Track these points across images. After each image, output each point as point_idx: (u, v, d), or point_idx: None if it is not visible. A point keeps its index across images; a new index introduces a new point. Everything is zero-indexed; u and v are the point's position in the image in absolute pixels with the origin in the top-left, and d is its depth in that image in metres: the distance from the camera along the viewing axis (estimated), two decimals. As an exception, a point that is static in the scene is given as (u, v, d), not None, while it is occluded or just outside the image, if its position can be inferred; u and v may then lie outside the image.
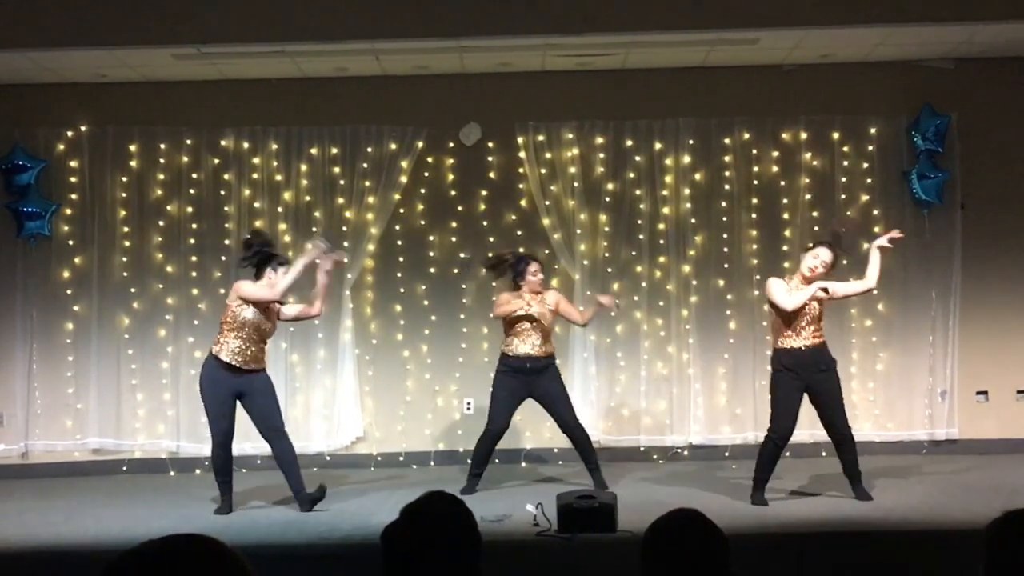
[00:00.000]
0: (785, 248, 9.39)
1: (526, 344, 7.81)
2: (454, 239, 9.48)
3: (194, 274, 9.43)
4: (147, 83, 9.42)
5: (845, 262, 7.89)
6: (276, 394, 7.51)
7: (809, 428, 9.24)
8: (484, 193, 9.55)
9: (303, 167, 9.49)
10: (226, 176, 9.49)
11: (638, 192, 9.48)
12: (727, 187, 9.48)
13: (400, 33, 8.35)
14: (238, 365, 7.22)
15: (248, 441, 8.17)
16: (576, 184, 9.45)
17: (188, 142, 9.49)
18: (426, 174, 9.53)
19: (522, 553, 6.01)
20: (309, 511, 7.21)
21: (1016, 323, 9.43)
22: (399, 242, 9.53)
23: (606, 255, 9.48)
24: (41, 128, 9.45)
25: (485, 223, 9.50)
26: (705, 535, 2.66)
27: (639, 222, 9.48)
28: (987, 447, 9.16)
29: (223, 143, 9.49)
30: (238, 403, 7.34)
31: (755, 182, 9.48)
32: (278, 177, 9.50)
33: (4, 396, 9.38)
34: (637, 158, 9.48)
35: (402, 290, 9.52)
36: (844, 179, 9.47)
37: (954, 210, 9.37)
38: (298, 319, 7.80)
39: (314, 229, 9.45)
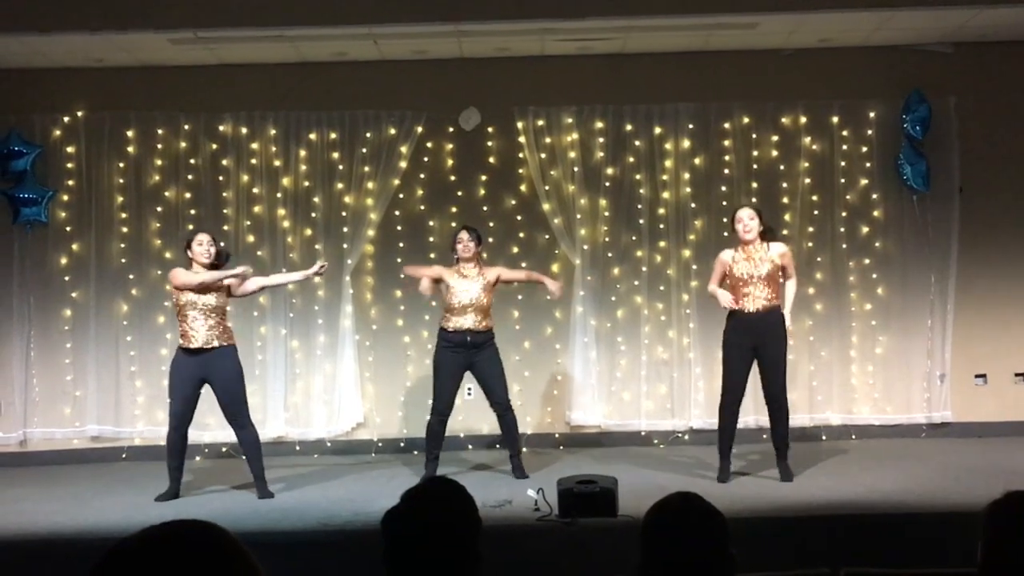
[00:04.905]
0: (785, 232, 9.36)
1: (465, 319, 7.83)
2: (454, 224, 9.43)
3: (193, 260, 9.41)
4: (144, 68, 9.38)
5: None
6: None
7: (808, 412, 9.29)
8: (484, 178, 9.53)
9: (302, 152, 9.47)
10: (224, 161, 9.47)
11: (638, 177, 9.47)
12: (727, 171, 9.47)
13: (399, 17, 8.32)
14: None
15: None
16: (576, 169, 9.44)
17: (186, 127, 9.46)
18: (425, 159, 9.51)
19: (523, 538, 6.02)
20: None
21: (1014, 306, 9.43)
22: (399, 227, 9.51)
23: (606, 240, 9.47)
24: (37, 114, 9.41)
25: (485, 208, 9.48)
26: (704, 517, 2.66)
27: (639, 207, 9.46)
28: (986, 430, 9.18)
29: (221, 128, 9.46)
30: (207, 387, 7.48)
31: (755, 166, 9.47)
32: (277, 162, 9.47)
33: (2, 384, 9.37)
34: (637, 143, 9.46)
35: (402, 275, 9.49)
36: (843, 163, 9.47)
37: (951, 194, 9.37)
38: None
39: (313, 215, 9.44)
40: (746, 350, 7.41)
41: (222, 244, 7.92)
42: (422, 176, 9.52)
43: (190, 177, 9.46)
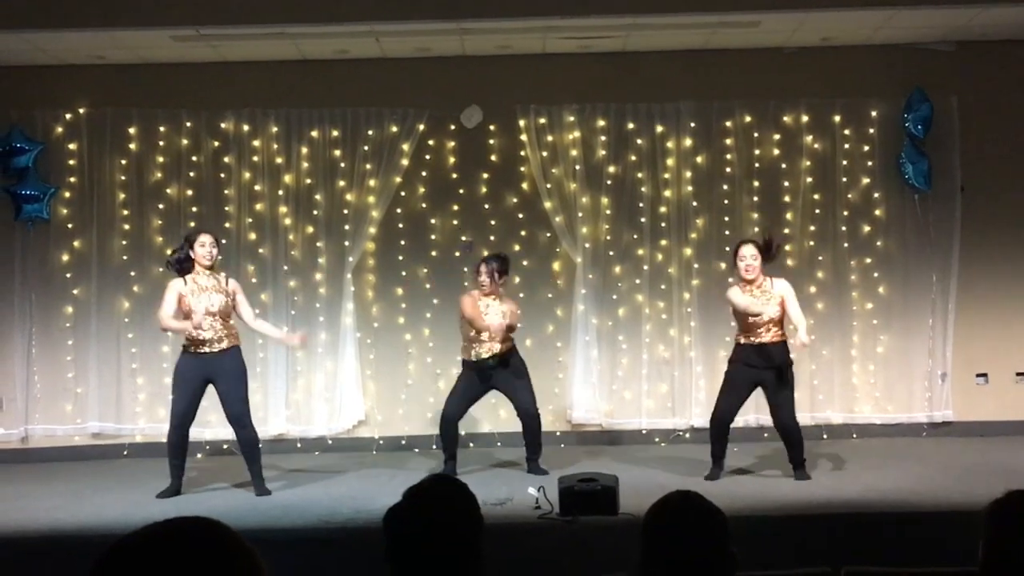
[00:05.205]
0: (787, 231, 9.37)
1: (484, 345, 7.87)
2: (455, 222, 9.46)
3: (194, 257, 9.41)
4: (146, 65, 9.37)
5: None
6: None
7: (809, 411, 9.28)
8: (485, 176, 9.52)
9: (304, 150, 9.46)
10: (226, 159, 9.46)
11: (640, 175, 9.46)
12: (728, 170, 9.46)
13: (401, 15, 8.31)
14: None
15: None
16: (578, 167, 9.43)
17: (188, 124, 9.45)
18: (427, 157, 9.50)
19: (524, 536, 6.02)
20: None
21: (1015, 305, 9.43)
22: (400, 225, 9.50)
23: (608, 238, 9.47)
24: (39, 110, 9.41)
25: (487, 206, 9.47)
26: (704, 516, 2.66)
27: (641, 205, 9.46)
28: (987, 429, 9.17)
29: (223, 126, 9.46)
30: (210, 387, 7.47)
31: (756, 165, 9.46)
32: (278, 160, 9.47)
33: (3, 380, 9.36)
34: (639, 141, 9.45)
35: (403, 273, 9.50)
36: (845, 162, 9.46)
37: (953, 193, 9.36)
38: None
39: (314, 212, 9.44)
40: (751, 378, 7.51)
41: (223, 242, 7.94)
42: (424, 174, 9.52)
43: (192, 174, 9.46)
